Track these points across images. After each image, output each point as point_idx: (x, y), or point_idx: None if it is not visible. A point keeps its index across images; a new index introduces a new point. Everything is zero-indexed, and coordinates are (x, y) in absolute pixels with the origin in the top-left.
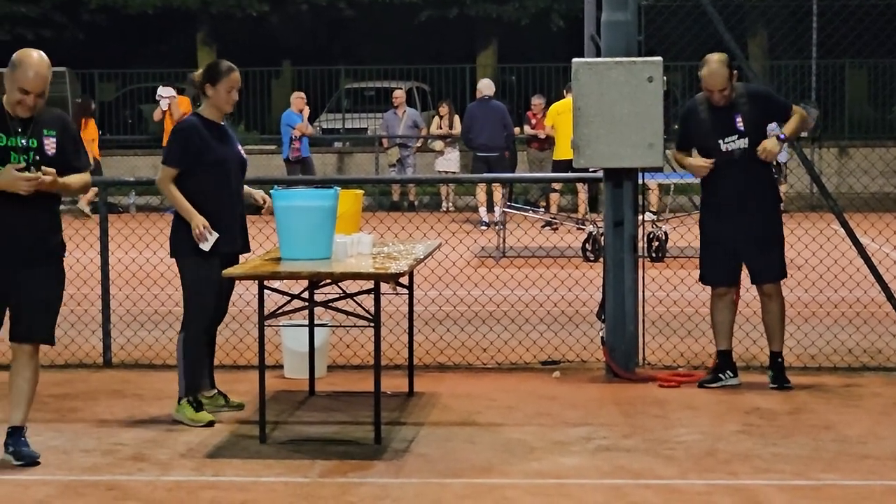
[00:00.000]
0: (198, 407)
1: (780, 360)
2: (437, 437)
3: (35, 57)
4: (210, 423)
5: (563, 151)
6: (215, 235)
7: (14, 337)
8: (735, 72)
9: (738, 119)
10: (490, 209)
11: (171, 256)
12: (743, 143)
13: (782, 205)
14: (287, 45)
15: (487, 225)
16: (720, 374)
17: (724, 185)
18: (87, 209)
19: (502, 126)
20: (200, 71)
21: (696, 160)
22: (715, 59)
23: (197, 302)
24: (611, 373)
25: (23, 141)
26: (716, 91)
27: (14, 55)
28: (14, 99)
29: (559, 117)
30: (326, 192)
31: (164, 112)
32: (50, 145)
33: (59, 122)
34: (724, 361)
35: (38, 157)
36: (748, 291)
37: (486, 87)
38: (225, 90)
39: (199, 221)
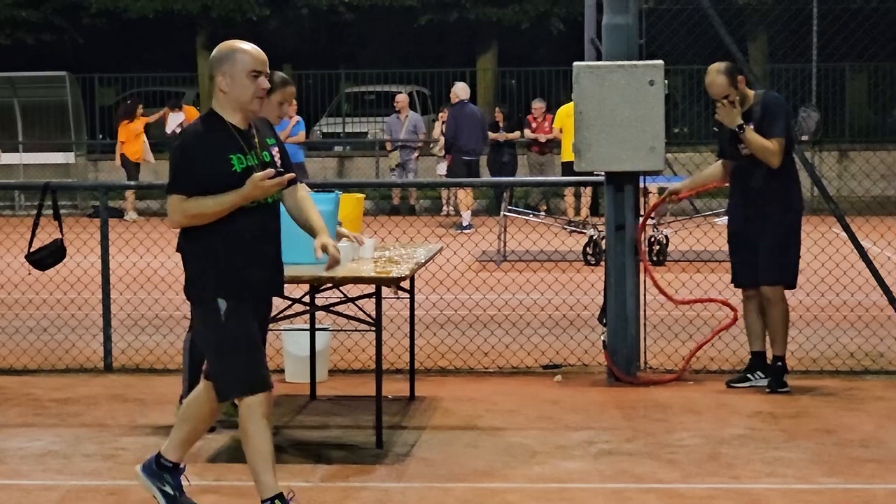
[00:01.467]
0: None
1: (779, 363)
2: (439, 441)
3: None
4: (211, 429)
5: (570, 153)
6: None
7: None
8: (741, 77)
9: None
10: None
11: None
12: (748, 151)
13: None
14: (287, 50)
15: (469, 228)
16: (749, 375)
17: (744, 188)
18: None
19: (481, 129)
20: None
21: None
22: (713, 69)
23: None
24: (612, 377)
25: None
26: (718, 99)
27: (223, 45)
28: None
29: (568, 119)
30: (327, 195)
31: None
32: (276, 157)
33: (268, 125)
34: (756, 362)
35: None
36: (793, 296)
37: (462, 90)
38: (277, 102)
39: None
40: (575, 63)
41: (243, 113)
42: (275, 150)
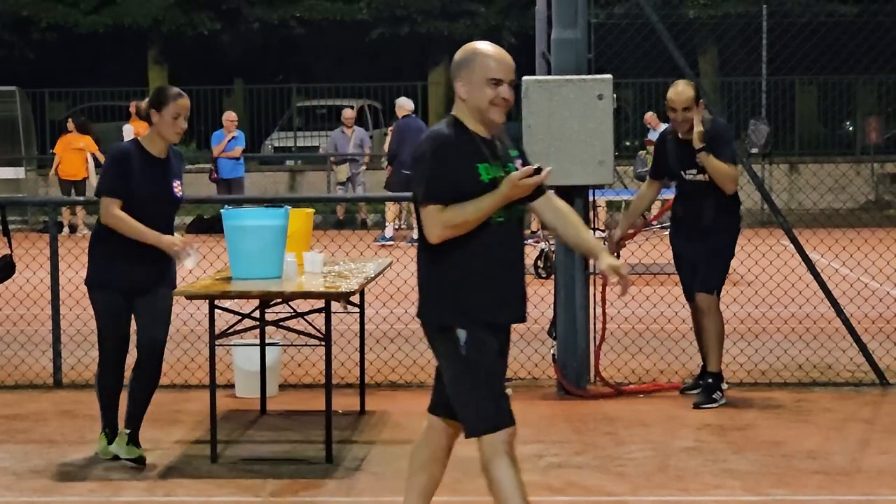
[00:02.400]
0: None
1: (710, 380)
2: (389, 456)
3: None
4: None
5: None
6: (198, 254)
7: None
8: (701, 101)
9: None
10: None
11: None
12: (703, 177)
13: (740, 232)
14: (239, 64)
15: (391, 240)
16: (701, 381)
17: (687, 208)
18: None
19: None
20: (147, 99)
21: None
22: (682, 81)
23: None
24: (562, 390)
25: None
26: (679, 110)
27: (465, 48)
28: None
29: None
30: (276, 211)
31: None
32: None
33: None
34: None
35: None
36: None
37: (407, 104)
38: (171, 116)
39: (167, 241)
40: (524, 77)
41: (483, 121)
42: (518, 164)
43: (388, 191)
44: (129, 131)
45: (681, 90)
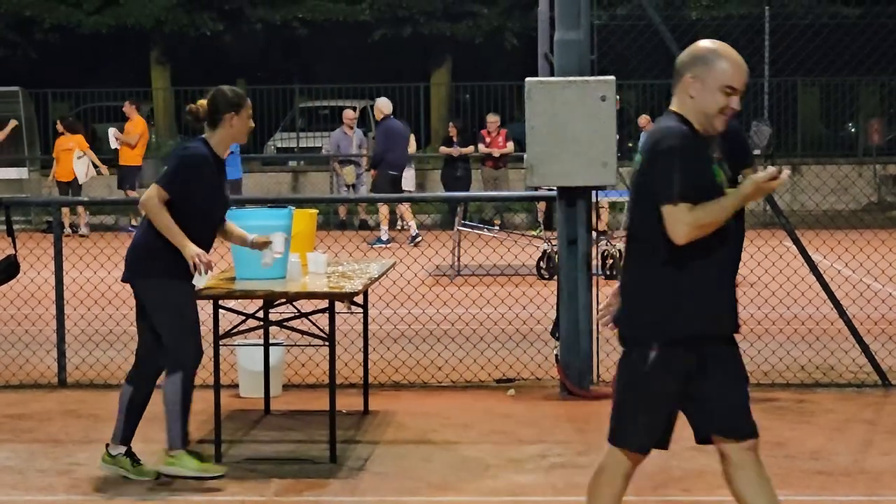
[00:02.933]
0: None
1: None
2: (393, 455)
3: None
4: (221, 476)
5: None
6: (209, 273)
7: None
8: None
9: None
10: (392, 226)
11: (134, 279)
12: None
13: None
14: (241, 64)
15: (388, 242)
16: None
17: None
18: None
19: (407, 144)
20: (205, 101)
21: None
22: None
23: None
24: (565, 390)
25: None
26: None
27: (705, 46)
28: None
29: None
30: (281, 211)
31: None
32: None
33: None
34: None
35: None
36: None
37: (386, 106)
38: (248, 116)
39: (193, 251)
40: (527, 79)
41: (705, 125)
42: (725, 167)
43: (375, 193)
44: (113, 134)
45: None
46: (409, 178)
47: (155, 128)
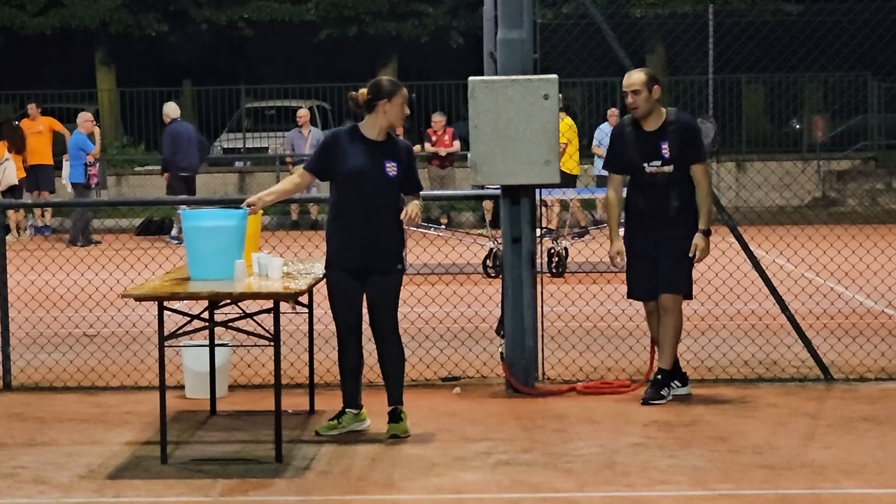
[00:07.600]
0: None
1: (658, 376)
2: (338, 455)
3: None
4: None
5: (571, 164)
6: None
7: None
8: (657, 87)
9: (665, 146)
10: None
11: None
12: (668, 168)
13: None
14: (187, 65)
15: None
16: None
17: (647, 203)
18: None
19: (199, 145)
20: (364, 90)
21: (613, 247)
22: (636, 69)
23: (333, 312)
24: (511, 388)
25: None
26: (629, 92)
27: None
28: None
29: (569, 132)
30: (235, 212)
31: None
32: None
33: None
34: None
35: None
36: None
37: (173, 110)
38: (400, 104)
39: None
40: (470, 78)
41: None
42: None
43: (170, 195)
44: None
45: (631, 73)
46: None
47: (101, 128)
